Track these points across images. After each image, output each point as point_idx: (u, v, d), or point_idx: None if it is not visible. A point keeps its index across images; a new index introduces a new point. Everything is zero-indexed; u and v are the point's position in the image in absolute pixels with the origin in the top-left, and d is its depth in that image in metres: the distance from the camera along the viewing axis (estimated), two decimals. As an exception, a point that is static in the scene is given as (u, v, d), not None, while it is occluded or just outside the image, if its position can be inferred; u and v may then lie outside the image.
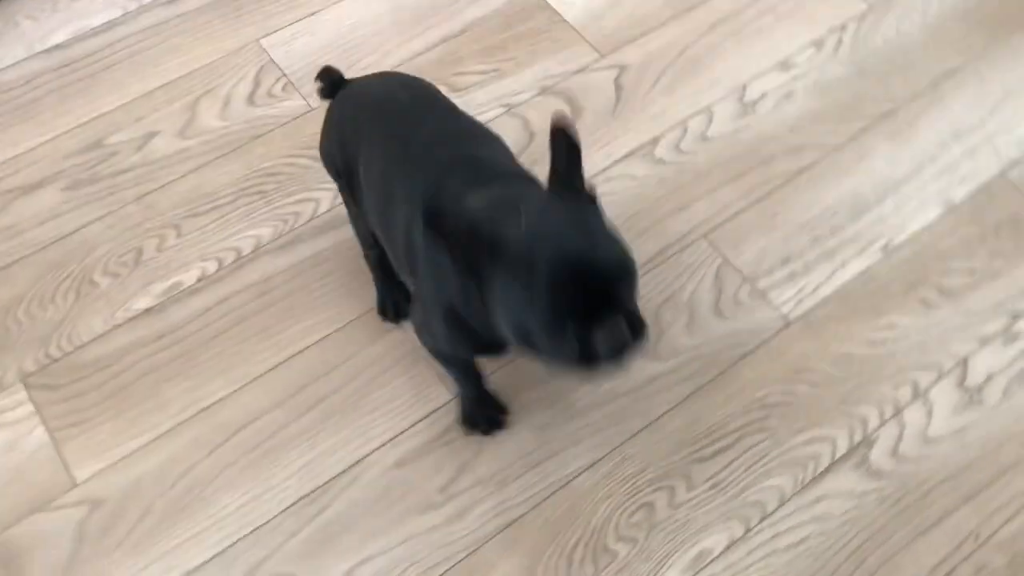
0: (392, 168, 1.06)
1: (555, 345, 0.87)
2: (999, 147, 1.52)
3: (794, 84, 1.58)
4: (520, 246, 0.85)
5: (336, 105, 1.19)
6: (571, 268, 0.85)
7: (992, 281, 1.39)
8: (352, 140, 1.14)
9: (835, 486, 1.23)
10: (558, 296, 0.84)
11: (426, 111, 1.12)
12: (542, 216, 0.87)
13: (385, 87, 1.17)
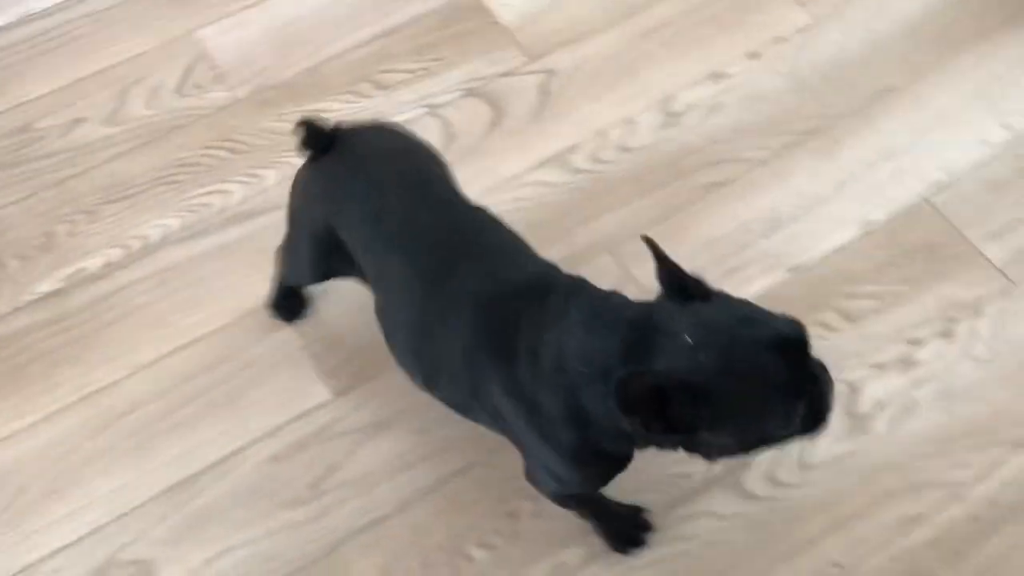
0: (435, 295, 1.00)
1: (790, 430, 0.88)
2: (926, 171, 1.48)
3: (724, 96, 1.55)
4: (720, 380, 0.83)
5: (328, 166, 1.08)
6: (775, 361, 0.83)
7: (897, 307, 1.36)
8: (348, 213, 1.06)
9: (706, 507, 1.22)
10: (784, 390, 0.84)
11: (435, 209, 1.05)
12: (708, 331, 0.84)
13: (389, 160, 1.09)
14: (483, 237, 1.04)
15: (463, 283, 0.98)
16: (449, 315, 0.98)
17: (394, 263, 1.02)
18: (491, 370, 0.96)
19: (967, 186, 1.47)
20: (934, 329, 1.34)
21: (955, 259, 1.40)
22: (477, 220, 1.06)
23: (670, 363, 0.84)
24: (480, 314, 0.97)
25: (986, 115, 1.53)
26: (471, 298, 0.98)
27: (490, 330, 0.96)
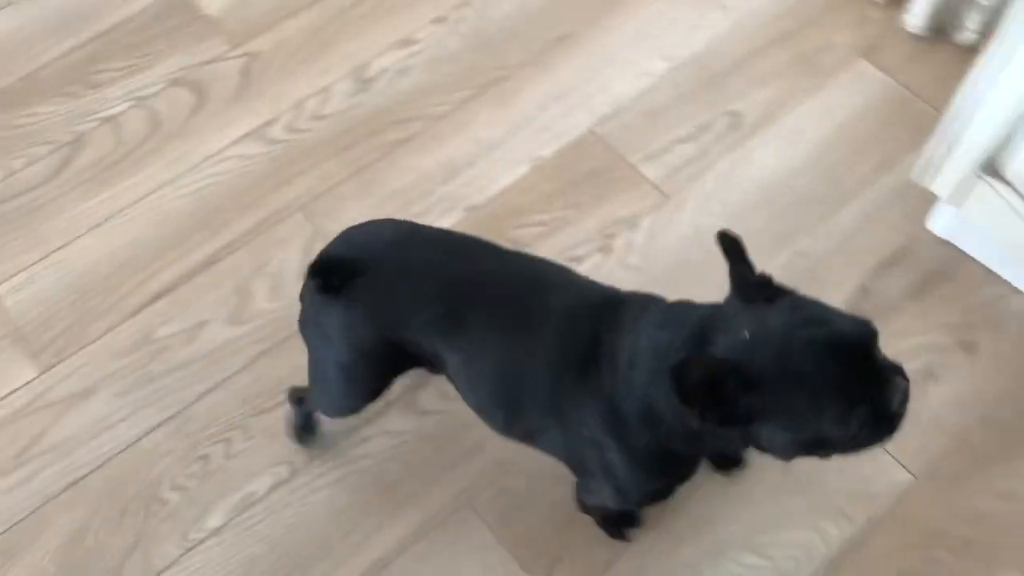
0: (515, 337, 1.01)
1: (854, 433, 0.87)
2: (594, 106, 1.62)
3: (412, 60, 1.68)
4: (776, 372, 0.84)
5: (361, 289, 1.02)
6: (836, 360, 0.84)
7: (561, 230, 1.50)
8: (411, 312, 1.03)
9: (382, 428, 1.34)
10: (843, 389, 0.84)
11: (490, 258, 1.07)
12: (767, 326, 0.86)
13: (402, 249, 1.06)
14: (541, 272, 1.07)
15: (545, 315, 1.00)
16: (533, 347, 1.00)
17: (475, 323, 1.02)
18: (574, 384, 0.98)
19: (629, 115, 1.61)
20: (594, 245, 1.48)
21: (616, 182, 1.55)
22: (524, 259, 1.09)
23: (727, 353, 0.86)
24: (562, 336, 0.99)
25: (649, 50, 1.68)
26: (551, 324, 1.00)
27: (573, 347, 0.99)
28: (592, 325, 0.99)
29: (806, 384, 0.84)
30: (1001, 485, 1.28)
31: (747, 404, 0.85)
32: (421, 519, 1.27)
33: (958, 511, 1.26)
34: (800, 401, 0.85)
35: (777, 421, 0.86)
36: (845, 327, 0.86)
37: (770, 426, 0.87)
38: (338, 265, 1.02)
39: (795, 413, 0.85)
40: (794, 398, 0.85)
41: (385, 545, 1.26)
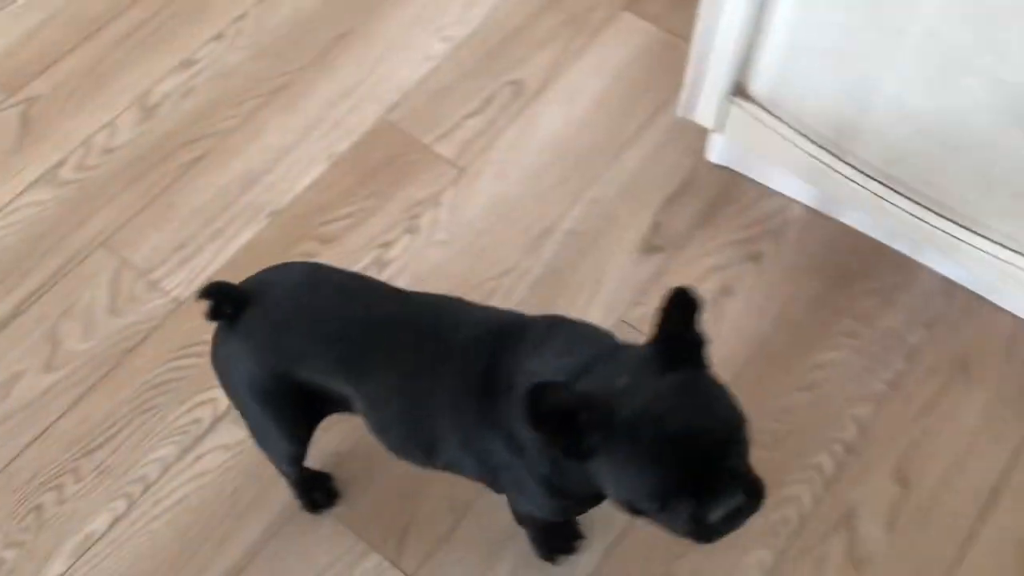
0: (415, 382, 1.00)
1: (669, 519, 0.87)
2: (382, 96, 1.66)
3: (194, 80, 1.68)
4: (625, 424, 0.84)
5: (253, 319, 1.03)
6: (678, 444, 0.83)
7: (368, 220, 1.53)
8: (302, 347, 1.02)
9: (215, 442, 1.35)
10: (667, 474, 0.84)
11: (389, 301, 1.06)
12: (643, 385, 0.86)
13: (311, 283, 1.07)
14: (443, 309, 1.06)
15: (445, 351, 1.00)
16: (435, 382, 1.00)
17: (374, 366, 1.02)
18: (476, 413, 0.98)
19: (417, 100, 1.66)
20: (401, 228, 1.52)
21: (413, 164, 1.59)
22: (426, 298, 1.08)
23: (591, 389, 0.87)
24: (463, 367, 0.99)
25: (428, 34, 1.73)
26: (452, 358, 0.99)
27: (474, 376, 0.98)
28: (490, 356, 0.98)
29: (642, 451, 0.84)
30: (801, 379, 1.39)
31: (591, 440, 0.85)
32: (268, 520, 1.29)
33: (766, 410, 1.36)
34: (630, 461, 0.85)
35: (607, 471, 0.87)
36: (708, 419, 0.85)
37: (598, 470, 0.88)
38: (225, 292, 1.02)
39: (621, 469, 0.86)
40: (627, 456, 0.85)
41: (236, 553, 1.27)
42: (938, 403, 1.36)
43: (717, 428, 0.85)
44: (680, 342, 0.87)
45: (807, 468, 1.31)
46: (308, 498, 1.29)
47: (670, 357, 0.86)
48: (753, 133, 1.39)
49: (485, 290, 1.47)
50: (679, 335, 0.87)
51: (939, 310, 1.43)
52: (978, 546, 1.26)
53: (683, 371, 0.87)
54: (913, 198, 1.30)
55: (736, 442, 0.86)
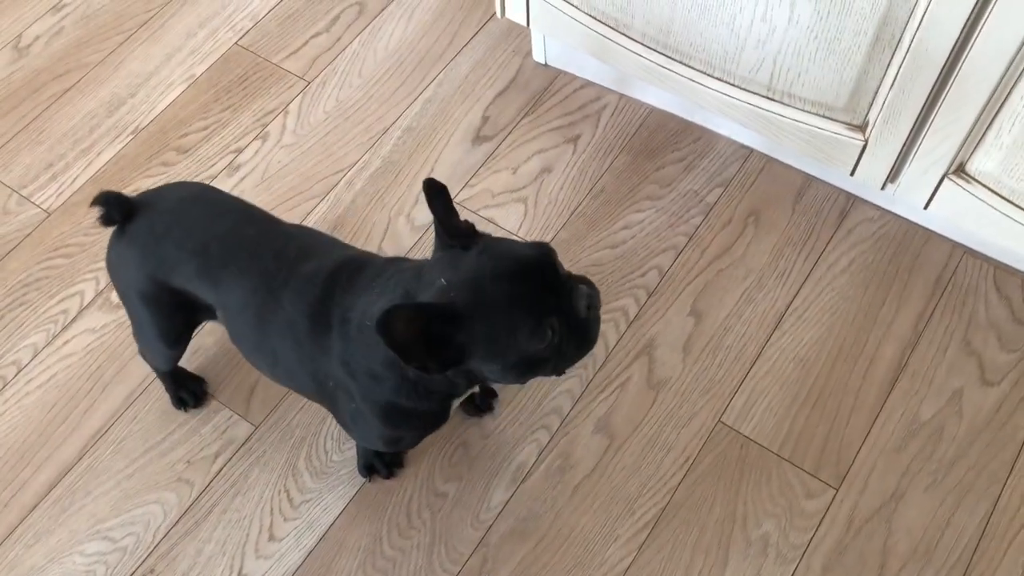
0: (262, 298, 1.10)
1: (556, 342, 0.96)
2: (236, 23, 1.81)
3: (64, 21, 1.82)
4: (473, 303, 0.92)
5: (139, 227, 1.15)
6: (523, 281, 0.93)
7: (221, 131, 1.68)
8: (176, 257, 1.13)
9: (82, 327, 1.49)
10: (532, 307, 0.93)
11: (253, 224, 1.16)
12: (460, 269, 0.95)
13: (195, 201, 1.18)
14: (305, 237, 1.17)
15: (288, 276, 1.09)
16: (278, 299, 1.09)
17: (229, 279, 1.12)
18: (313, 343, 1.07)
19: (269, 25, 1.80)
20: (252, 135, 1.67)
21: (264, 80, 1.74)
22: (295, 229, 1.19)
23: (425, 299, 0.95)
24: (302, 296, 1.08)
25: (281, -32, 1.88)
26: (294, 286, 1.09)
27: (310, 305, 1.07)
28: (326, 288, 1.07)
29: (498, 310, 0.93)
30: (609, 238, 1.54)
31: (459, 342, 0.93)
32: (129, 390, 1.43)
33: (578, 266, 1.51)
34: (496, 326, 0.93)
35: (485, 352, 0.95)
36: (524, 252, 0.96)
37: (479, 358, 0.96)
38: (114, 200, 1.14)
39: (495, 339, 0.94)
40: (491, 325, 0.93)
41: (99, 418, 1.41)
42: (731, 249, 1.51)
43: (530, 254, 0.97)
44: (459, 228, 0.99)
45: (613, 311, 1.47)
46: (177, 395, 1.41)
47: (457, 244, 0.98)
48: (561, 26, 1.54)
49: (328, 184, 1.61)
50: (455, 222, 0.99)
51: (734, 171, 1.59)
52: (762, 365, 1.42)
53: (472, 249, 0.97)
54: (689, 63, 1.46)
55: (555, 261, 0.98)
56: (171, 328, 1.24)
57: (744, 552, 1.28)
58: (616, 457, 1.35)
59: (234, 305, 1.14)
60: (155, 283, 1.16)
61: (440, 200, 0.98)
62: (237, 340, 1.19)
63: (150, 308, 1.20)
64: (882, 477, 1.33)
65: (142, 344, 1.32)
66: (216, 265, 1.13)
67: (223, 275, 1.13)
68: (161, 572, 1.29)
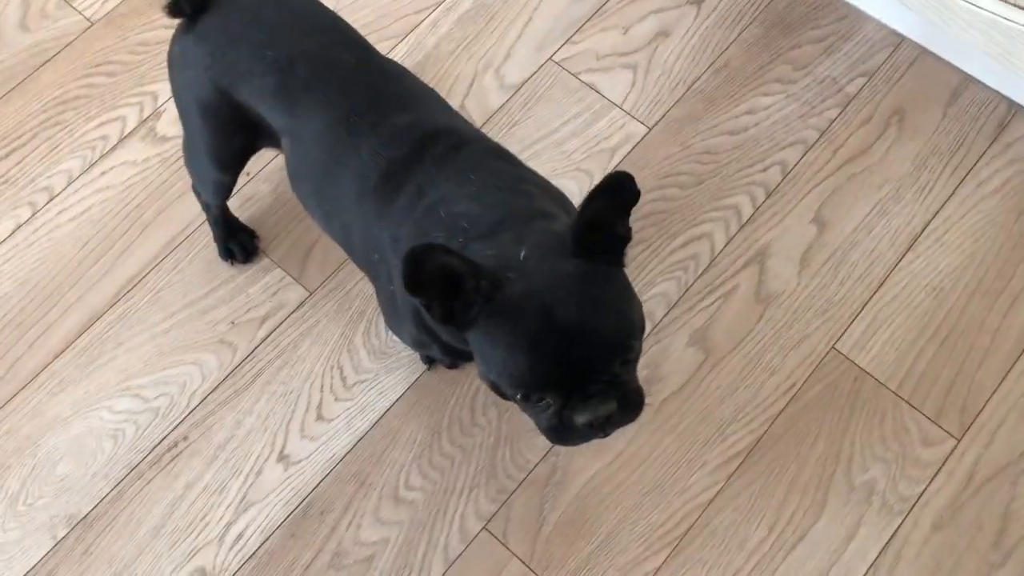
0: (339, 136, 0.93)
1: (532, 410, 0.82)
2: None
3: None
4: (510, 302, 0.77)
5: (211, 24, 0.98)
6: (560, 337, 0.76)
7: None
8: (248, 66, 0.96)
9: (122, 158, 1.32)
10: (537, 366, 0.77)
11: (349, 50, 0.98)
12: (545, 265, 0.78)
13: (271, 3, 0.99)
14: (406, 83, 0.98)
15: (377, 122, 0.93)
16: (355, 151, 0.93)
17: (309, 106, 0.95)
18: (377, 204, 0.91)
19: None
20: None
21: None
22: (395, 68, 1.00)
23: (489, 258, 0.79)
24: (386, 149, 0.91)
25: None
26: (381, 135, 0.92)
27: (390, 165, 0.91)
28: (417, 150, 0.90)
29: (518, 335, 0.77)
30: (729, 122, 1.33)
31: (472, 314, 0.78)
32: (170, 235, 1.27)
33: (690, 151, 1.31)
34: (504, 343, 0.78)
35: (481, 344, 0.80)
36: (599, 323, 0.77)
37: (474, 343, 0.81)
38: None
39: (494, 349, 0.79)
40: (502, 335, 0.78)
41: (136, 264, 1.26)
42: (868, 151, 1.31)
43: (607, 331, 0.78)
44: (603, 233, 0.79)
45: (724, 208, 1.28)
46: (224, 245, 1.25)
47: (586, 245, 0.78)
48: None
49: (408, 23, 1.40)
50: (604, 224, 0.78)
51: (881, 61, 1.36)
52: (889, 289, 1.24)
53: (594, 263, 0.79)
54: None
55: (624, 350, 0.79)
56: (225, 147, 1.07)
57: (845, 497, 1.14)
58: (711, 375, 1.20)
59: (308, 136, 0.96)
60: (218, 92, 0.99)
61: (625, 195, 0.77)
62: (297, 178, 1.01)
63: (207, 119, 1.03)
64: (1012, 432, 1.17)
65: (190, 161, 1.13)
66: (298, 87, 0.95)
67: (304, 99, 0.95)
68: (195, 441, 1.17)
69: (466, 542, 1.13)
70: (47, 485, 1.15)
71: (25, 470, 1.16)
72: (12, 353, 1.21)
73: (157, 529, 1.13)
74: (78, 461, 1.16)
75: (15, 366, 1.21)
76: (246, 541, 1.13)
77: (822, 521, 1.12)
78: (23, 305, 1.24)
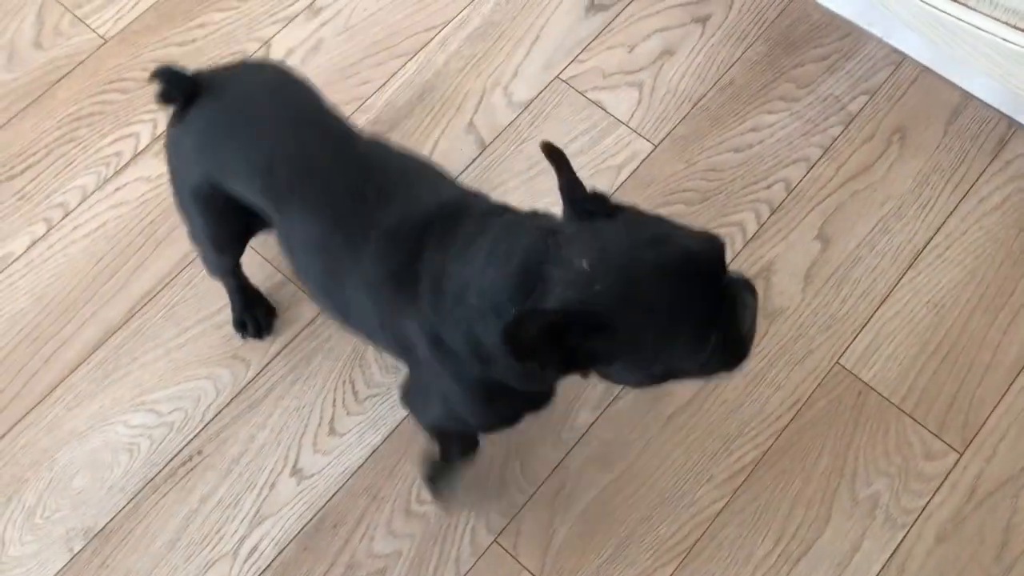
0: (335, 245, 0.91)
1: (703, 359, 0.79)
2: None
3: None
4: (621, 298, 0.74)
5: (199, 116, 0.97)
6: (684, 277, 0.75)
7: None
8: (234, 164, 0.96)
9: (136, 174, 1.34)
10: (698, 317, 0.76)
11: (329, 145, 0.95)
12: (607, 253, 0.76)
13: (268, 97, 0.98)
14: (388, 168, 0.95)
15: (369, 228, 0.90)
16: (356, 252, 0.91)
17: (296, 211, 0.93)
18: (395, 303, 0.89)
19: None
20: None
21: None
22: (379, 151, 0.98)
23: (564, 294, 0.76)
24: (386, 246, 0.89)
25: None
26: (378, 231, 0.90)
27: (395, 262, 0.88)
28: (417, 246, 0.88)
29: (657, 316, 0.75)
30: (734, 140, 1.36)
31: (596, 349, 0.76)
32: (184, 251, 1.29)
33: (695, 169, 1.33)
34: (651, 334, 0.76)
35: (627, 360, 0.78)
36: (692, 245, 0.77)
37: (619, 366, 0.79)
38: (174, 77, 0.96)
39: (646, 348, 0.77)
40: (645, 332, 0.76)
41: (150, 278, 1.27)
42: (870, 169, 1.33)
43: (699, 248, 0.77)
44: (588, 195, 0.80)
45: (729, 225, 1.30)
46: (239, 316, 1.24)
47: (595, 212, 0.78)
48: None
49: (418, 41, 1.42)
50: (581, 190, 0.80)
51: (883, 79, 1.39)
52: (891, 305, 1.26)
53: (619, 218, 0.78)
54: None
55: (720, 250, 0.78)
56: (223, 232, 1.06)
57: (849, 511, 1.16)
58: (717, 390, 1.22)
59: (300, 242, 0.95)
60: (210, 183, 0.98)
61: (565, 164, 0.79)
62: (301, 275, 1.00)
63: (201, 207, 1.02)
64: (1014, 446, 1.19)
65: (190, 237, 1.13)
66: (282, 189, 0.94)
67: (289, 202, 0.94)
68: (209, 455, 1.19)
69: (477, 555, 1.15)
70: (64, 498, 1.17)
71: (42, 483, 1.18)
72: (29, 368, 1.23)
73: (172, 542, 1.15)
74: (94, 475, 1.18)
75: (31, 381, 1.23)
76: (260, 554, 1.14)
77: (826, 534, 1.14)
78: (39, 320, 1.26)
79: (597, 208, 0.79)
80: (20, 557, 1.14)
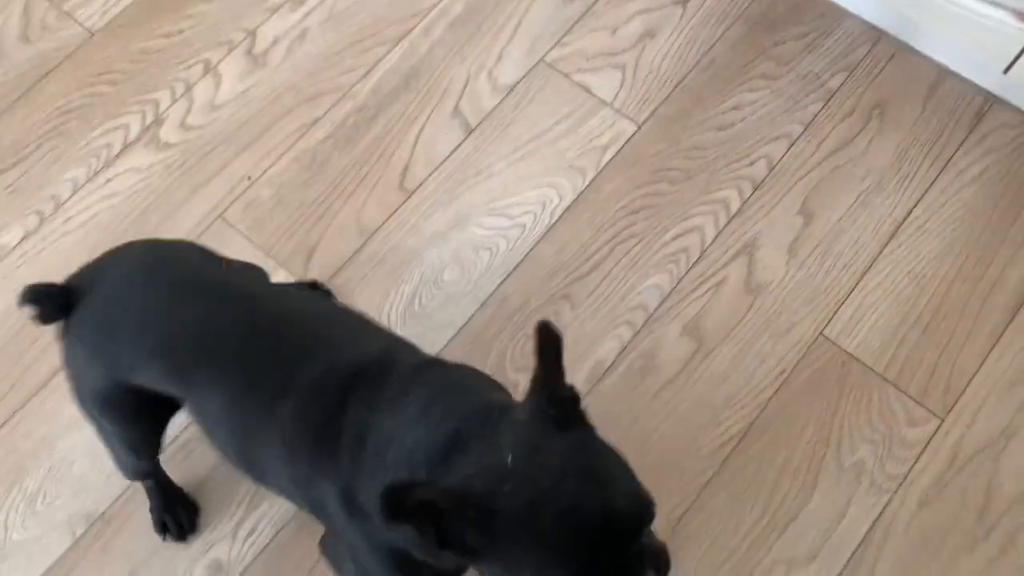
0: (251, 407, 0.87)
1: None
2: None
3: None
4: (518, 518, 0.70)
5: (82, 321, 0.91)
6: (588, 533, 0.70)
7: None
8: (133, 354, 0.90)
9: (126, 165, 1.35)
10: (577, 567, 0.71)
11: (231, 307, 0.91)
12: (536, 462, 0.72)
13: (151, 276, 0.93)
14: (297, 327, 0.91)
15: (287, 385, 0.86)
16: (272, 410, 0.86)
17: (205, 383, 0.89)
18: (313, 467, 0.85)
19: None
20: None
21: None
22: (286, 306, 0.94)
23: (470, 478, 0.72)
24: (304, 409, 0.85)
25: None
26: (298, 386, 0.85)
27: (316, 417, 0.84)
28: (337, 403, 0.84)
29: (539, 552, 0.71)
30: (716, 118, 1.38)
31: (472, 543, 0.71)
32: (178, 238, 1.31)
33: (678, 148, 1.35)
34: (527, 561, 0.71)
35: (495, 568, 0.74)
36: (616, 501, 0.72)
37: (492, 569, 0.75)
38: (45, 294, 0.91)
39: (521, 570, 0.72)
40: (522, 556, 0.71)
41: (144, 269, 1.30)
42: (851, 143, 1.35)
43: (628, 507, 0.73)
44: (563, 394, 0.75)
45: (713, 202, 1.32)
46: (160, 517, 1.16)
47: (553, 418, 0.74)
48: None
49: (402, 28, 1.43)
50: (560, 385, 0.75)
51: (861, 56, 1.41)
52: (873, 277, 1.28)
53: (569, 435, 0.74)
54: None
55: (650, 516, 0.74)
56: (136, 435, 1.02)
57: (835, 478, 1.18)
58: (704, 363, 1.24)
59: (212, 413, 0.91)
60: (114, 383, 0.93)
61: (552, 350, 0.74)
62: (219, 447, 0.95)
63: (110, 412, 0.97)
64: (993, 412, 1.22)
65: (117, 459, 1.07)
66: (188, 365, 0.89)
67: (196, 377, 0.89)
68: (207, 438, 1.22)
69: (472, 530, 1.17)
70: (64, 485, 1.19)
71: (42, 471, 1.19)
72: (27, 358, 1.25)
73: (172, 525, 1.18)
74: (93, 461, 1.19)
75: (29, 370, 1.24)
76: (259, 534, 1.17)
77: (814, 501, 1.17)
78: (35, 311, 1.28)
79: (562, 410, 0.74)
80: (23, 541, 1.16)
